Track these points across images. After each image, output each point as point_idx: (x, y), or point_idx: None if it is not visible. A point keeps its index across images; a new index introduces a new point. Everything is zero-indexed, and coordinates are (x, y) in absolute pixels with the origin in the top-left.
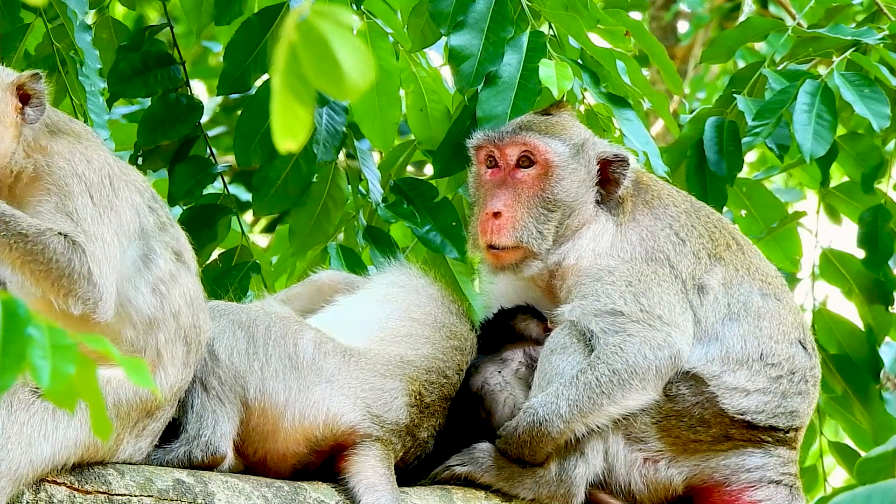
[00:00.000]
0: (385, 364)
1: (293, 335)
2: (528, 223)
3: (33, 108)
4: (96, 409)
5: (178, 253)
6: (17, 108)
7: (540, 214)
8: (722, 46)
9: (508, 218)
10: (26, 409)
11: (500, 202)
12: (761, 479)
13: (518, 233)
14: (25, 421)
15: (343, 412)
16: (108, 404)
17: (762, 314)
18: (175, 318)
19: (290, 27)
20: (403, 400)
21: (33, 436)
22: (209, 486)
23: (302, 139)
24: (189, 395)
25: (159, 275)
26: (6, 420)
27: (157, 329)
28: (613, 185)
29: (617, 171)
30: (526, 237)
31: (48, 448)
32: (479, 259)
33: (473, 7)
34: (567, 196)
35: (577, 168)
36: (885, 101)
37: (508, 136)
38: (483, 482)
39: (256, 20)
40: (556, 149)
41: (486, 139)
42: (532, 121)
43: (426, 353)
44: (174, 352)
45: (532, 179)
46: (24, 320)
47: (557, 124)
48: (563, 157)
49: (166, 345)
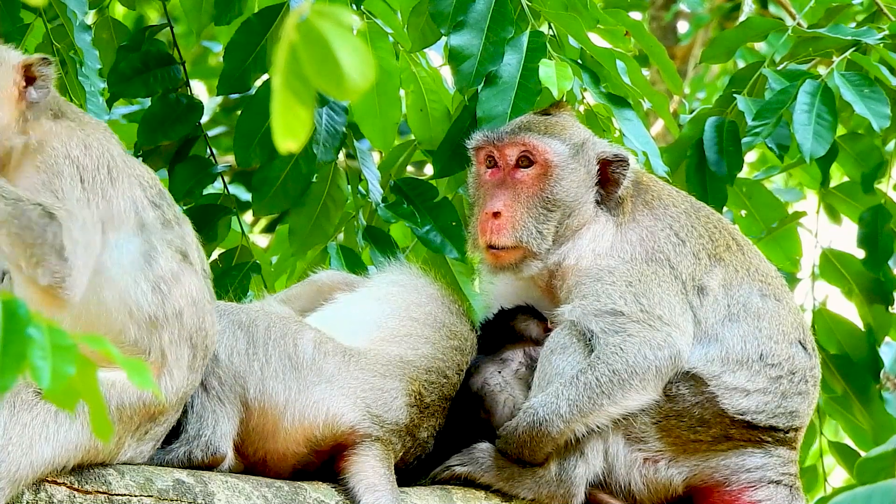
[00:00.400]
0: (385, 364)
1: (293, 335)
2: (528, 223)
3: (37, 89)
4: (96, 410)
5: (183, 253)
6: (21, 87)
7: (539, 214)
8: (722, 46)
9: (508, 218)
10: (29, 411)
11: (499, 202)
12: (761, 479)
13: (518, 233)
14: (28, 422)
15: (343, 412)
16: (111, 407)
17: (762, 314)
18: (178, 319)
19: (291, 27)
20: (403, 400)
21: (35, 438)
22: (209, 486)
23: (302, 139)
24: (196, 396)
25: (160, 273)
26: (8, 421)
27: (160, 329)
28: (613, 185)
29: (617, 171)
30: (526, 237)
31: (49, 450)
32: (479, 259)
33: (473, 7)
34: (567, 196)
35: (576, 168)
36: (886, 101)
37: (507, 136)
38: (483, 482)
39: (256, 20)
40: (556, 148)
41: (486, 140)
42: (531, 121)
43: (426, 353)
44: (179, 354)
45: (531, 179)
46: (24, 320)
47: (557, 124)
48: (562, 156)
49: (171, 346)
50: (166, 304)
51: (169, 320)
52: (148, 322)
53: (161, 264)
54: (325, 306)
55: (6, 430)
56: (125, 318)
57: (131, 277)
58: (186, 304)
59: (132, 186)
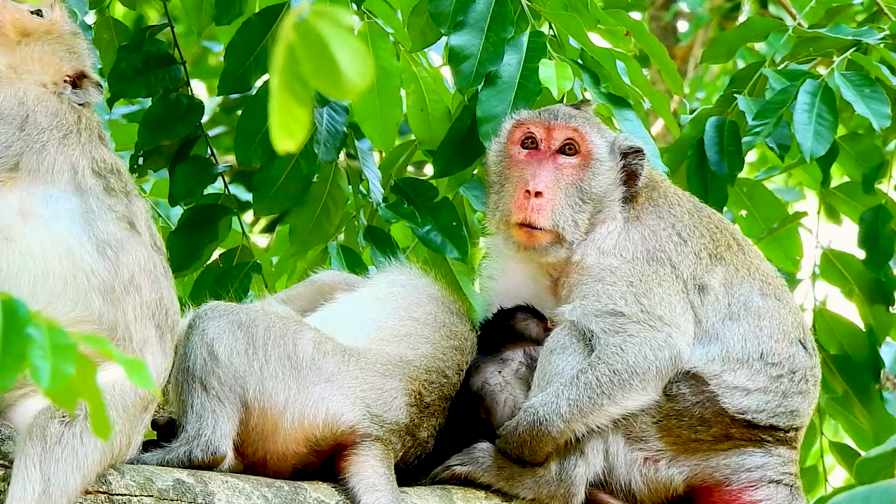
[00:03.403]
0: (385, 364)
1: (293, 335)
2: (566, 210)
3: (79, 90)
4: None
5: (130, 222)
6: (64, 76)
7: (576, 203)
8: (722, 47)
9: (549, 200)
10: (59, 442)
11: (542, 183)
12: (762, 478)
13: (556, 217)
14: (59, 456)
15: (343, 412)
16: (118, 409)
17: (762, 314)
18: (137, 291)
19: (289, 27)
20: (403, 400)
21: (68, 471)
22: (209, 486)
23: (300, 139)
24: (189, 395)
25: (103, 237)
26: (42, 458)
27: (120, 301)
28: (633, 178)
29: (634, 161)
30: (563, 223)
31: (80, 478)
32: (504, 235)
33: (473, 7)
34: (600, 191)
35: (612, 166)
36: (886, 100)
37: (562, 119)
38: (483, 482)
39: (257, 20)
40: (598, 142)
41: (536, 118)
42: (586, 114)
43: (426, 353)
44: (146, 335)
45: (573, 168)
46: (24, 320)
47: (596, 120)
48: (602, 151)
49: (135, 323)
50: (118, 273)
51: (128, 291)
52: (105, 290)
53: (101, 227)
54: (325, 306)
55: (43, 470)
56: (83, 282)
57: (71, 234)
58: (139, 273)
59: (81, 156)
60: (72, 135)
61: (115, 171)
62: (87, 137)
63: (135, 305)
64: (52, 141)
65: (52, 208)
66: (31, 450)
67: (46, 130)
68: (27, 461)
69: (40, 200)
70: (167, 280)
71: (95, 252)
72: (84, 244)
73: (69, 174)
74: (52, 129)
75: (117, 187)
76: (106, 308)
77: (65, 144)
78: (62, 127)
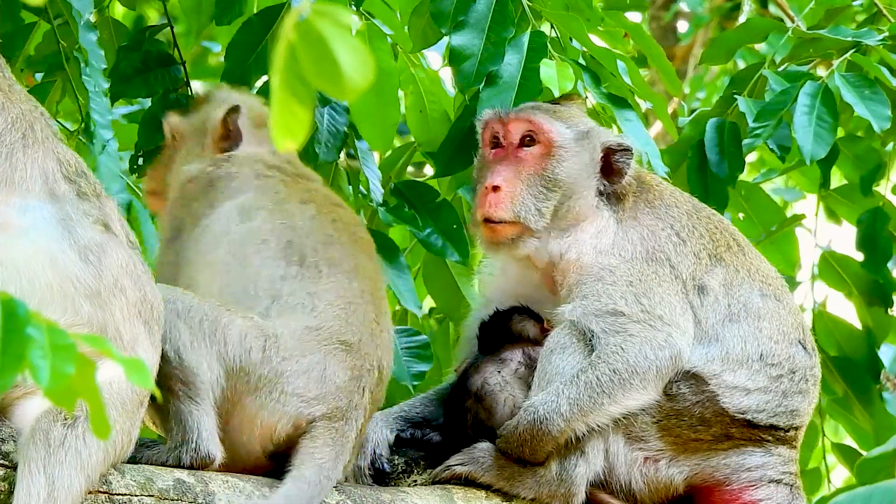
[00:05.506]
0: (299, 341)
1: (223, 330)
2: (527, 199)
3: None
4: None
5: (104, 224)
6: None
7: (539, 192)
8: (722, 47)
9: (507, 192)
10: (62, 445)
11: (499, 177)
12: (762, 478)
13: (516, 207)
14: (63, 460)
15: (281, 415)
16: (117, 407)
17: (762, 315)
18: (122, 293)
19: (289, 27)
20: (332, 368)
21: (72, 473)
22: (210, 486)
23: (301, 139)
24: (168, 401)
25: (83, 242)
26: (46, 462)
27: (107, 304)
28: (617, 175)
29: (621, 160)
30: (524, 213)
31: (84, 479)
32: (478, 238)
33: (474, 7)
34: (568, 177)
35: (580, 152)
36: (886, 102)
37: (514, 113)
38: (483, 482)
39: (257, 20)
40: (560, 130)
41: (493, 115)
42: (539, 104)
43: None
44: (136, 332)
45: (534, 158)
46: (24, 320)
47: (564, 111)
48: (566, 138)
49: (124, 322)
50: (102, 276)
51: (114, 294)
52: (93, 295)
53: (80, 233)
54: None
55: (47, 475)
56: (69, 289)
57: (52, 242)
58: (122, 274)
59: (46, 158)
60: (28, 133)
61: (82, 174)
62: (42, 134)
63: (122, 306)
64: (16, 143)
65: (29, 218)
66: (34, 454)
67: (5, 133)
68: (31, 465)
69: (17, 210)
70: (147, 275)
71: (78, 259)
72: (66, 251)
73: (41, 182)
74: (10, 131)
75: (88, 190)
76: (94, 312)
77: (26, 146)
78: (17, 127)
